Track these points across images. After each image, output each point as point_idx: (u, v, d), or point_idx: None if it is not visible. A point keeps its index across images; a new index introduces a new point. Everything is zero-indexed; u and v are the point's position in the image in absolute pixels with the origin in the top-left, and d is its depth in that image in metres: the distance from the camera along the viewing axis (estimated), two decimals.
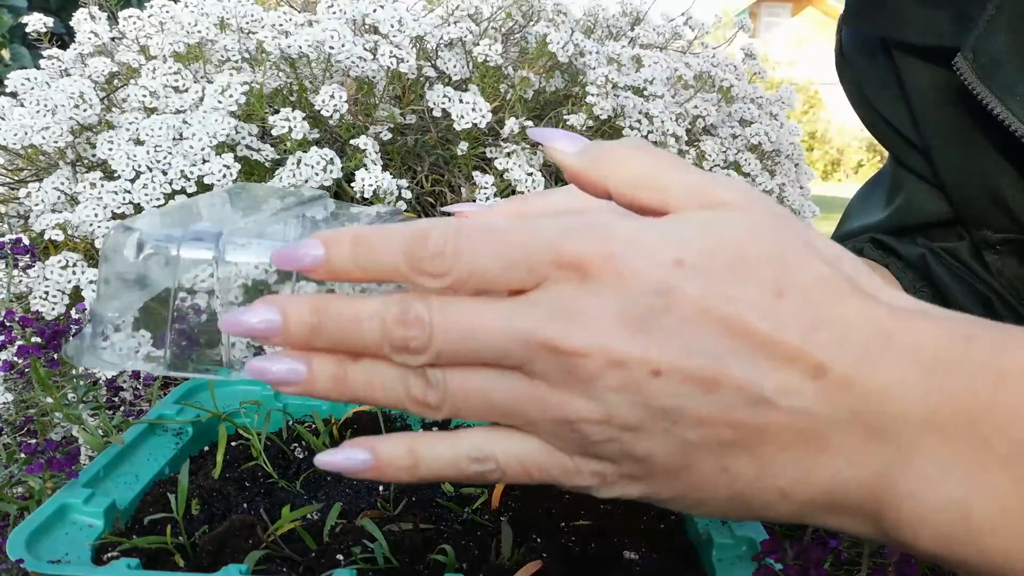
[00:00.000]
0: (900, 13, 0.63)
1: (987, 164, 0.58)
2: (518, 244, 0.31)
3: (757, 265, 0.31)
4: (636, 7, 1.25)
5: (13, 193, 0.94)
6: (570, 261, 0.31)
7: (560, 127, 0.96)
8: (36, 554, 0.38)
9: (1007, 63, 0.55)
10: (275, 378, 0.33)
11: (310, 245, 0.32)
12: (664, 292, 0.31)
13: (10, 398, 0.64)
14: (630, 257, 0.31)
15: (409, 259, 0.32)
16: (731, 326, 0.30)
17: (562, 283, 0.31)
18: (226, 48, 0.95)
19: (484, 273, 0.31)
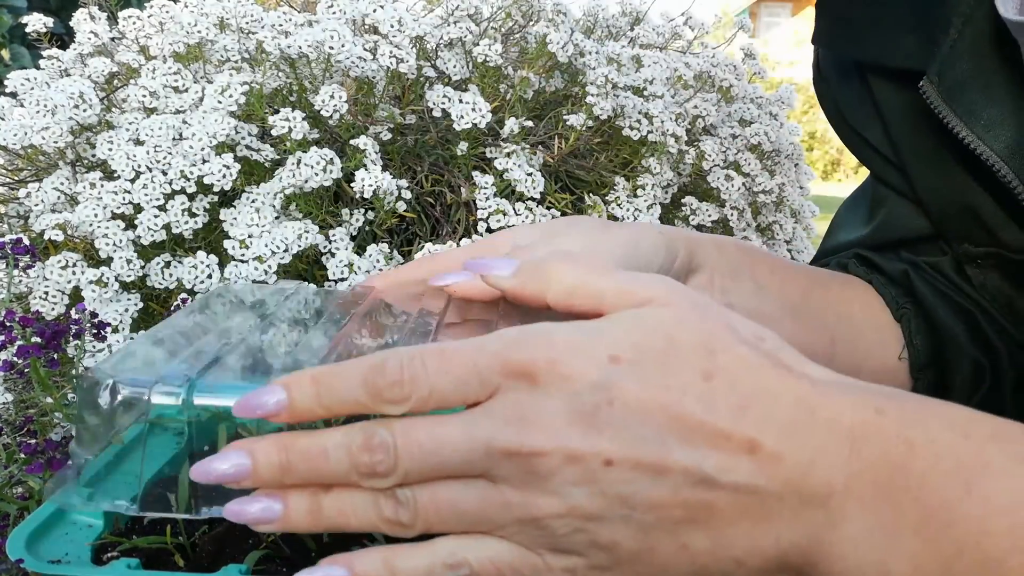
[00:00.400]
0: (869, 36, 0.63)
1: (960, 182, 0.59)
2: (468, 362, 0.34)
3: (685, 353, 0.35)
4: (636, 7, 1.25)
5: (13, 193, 0.94)
6: (517, 370, 0.34)
7: (560, 127, 0.96)
8: (36, 554, 0.38)
9: (970, 86, 0.56)
10: (252, 519, 0.35)
11: (271, 391, 0.34)
12: (605, 387, 0.33)
13: (10, 398, 0.64)
14: (570, 359, 0.34)
15: (370, 391, 0.34)
16: (669, 413, 0.33)
17: (512, 391, 0.34)
18: (226, 48, 0.95)
19: (441, 393, 0.34)
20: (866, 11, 0.64)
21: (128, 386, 0.36)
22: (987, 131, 0.55)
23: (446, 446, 0.34)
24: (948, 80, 0.56)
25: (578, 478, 0.33)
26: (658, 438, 0.33)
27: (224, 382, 0.37)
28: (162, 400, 0.36)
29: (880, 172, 0.68)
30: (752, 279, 0.57)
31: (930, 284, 0.64)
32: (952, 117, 0.56)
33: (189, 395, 0.36)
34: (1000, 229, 0.59)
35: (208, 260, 0.78)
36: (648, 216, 0.93)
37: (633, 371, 0.34)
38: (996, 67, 0.55)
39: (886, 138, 0.64)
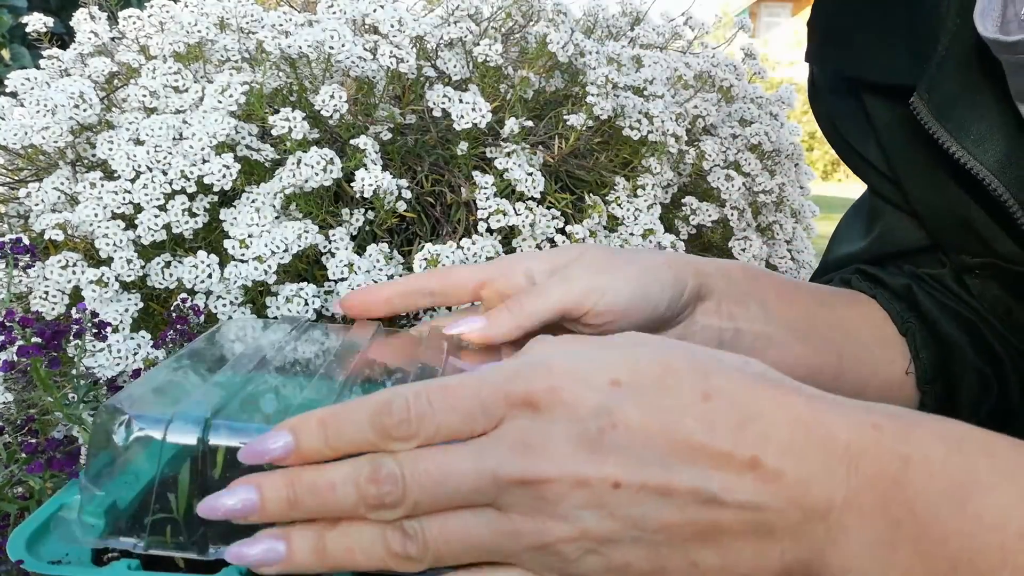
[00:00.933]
0: (860, 52, 0.64)
1: (954, 196, 0.60)
2: (472, 396, 0.35)
3: (682, 376, 0.35)
4: (636, 7, 1.25)
5: (13, 193, 0.94)
6: (519, 399, 0.35)
7: (560, 127, 0.96)
8: (36, 554, 0.38)
9: (960, 101, 0.57)
10: (255, 561, 0.35)
11: (278, 436, 0.35)
12: (608, 411, 0.34)
13: (11, 398, 0.64)
14: (571, 386, 0.35)
15: (377, 431, 0.35)
16: (671, 436, 0.34)
17: (517, 419, 0.35)
18: (226, 48, 0.95)
19: (448, 427, 0.35)
20: (856, 29, 0.65)
21: (143, 424, 0.37)
22: (977, 145, 0.55)
23: (454, 475, 0.34)
24: (937, 96, 0.57)
25: (587, 502, 0.34)
26: (662, 460, 0.34)
27: (238, 421, 0.38)
28: (178, 439, 0.37)
29: (876, 186, 0.69)
30: (759, 304, 0.58)
31: (933, 297, 0.65)
32: (942, 132, 0.56)
33: (205, 435, 0.37)
34: (995, 241, 0.59)
35: (208, 260, 0.78)
36: (648, 216, 0.93)
37: (633, 394, 0.35)
38: (984, 81, 0.55)
39: (880, 152, 0.65)
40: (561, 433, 0.34)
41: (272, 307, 0.78)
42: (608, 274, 0.51)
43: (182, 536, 0.37)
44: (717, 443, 0.34)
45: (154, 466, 0.37)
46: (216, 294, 0.78)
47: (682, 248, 0.98)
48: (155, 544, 0.37)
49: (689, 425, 0.34)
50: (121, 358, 0.74)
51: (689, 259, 0.55)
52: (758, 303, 0.58)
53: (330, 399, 0.42)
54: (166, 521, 0.37)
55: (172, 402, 0.39)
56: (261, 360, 0.46)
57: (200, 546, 0.37)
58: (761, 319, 0.58)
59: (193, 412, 0.37)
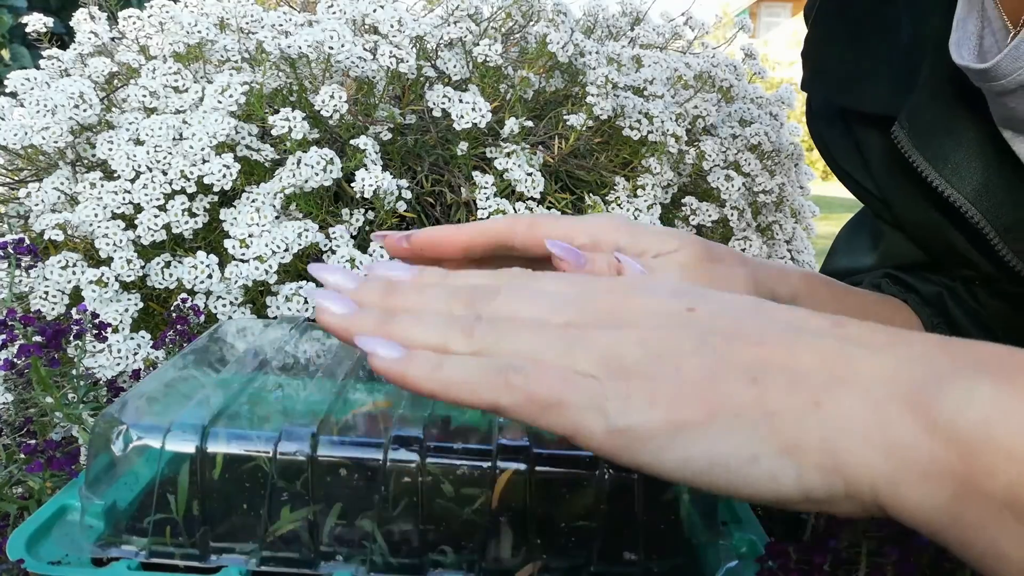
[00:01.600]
0: (847, 82, 0.66)
1: (936, 220, 0.62)
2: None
3: (763, 314, 0.35)
4: (636, 7, 1.25)
5: (13, 193, 0.94)
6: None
7: (560, 127, 0.96)
8: (36, 555, 0.38)
9: (939, 131, 0.58)
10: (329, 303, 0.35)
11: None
12: (689, 301, 0.35)
13: (10, 398, 0.64)
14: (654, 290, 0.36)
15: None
16: (750, 309, 0.34)
17: None
18: (226, 48, 0.95)
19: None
20: (843, 59, 0.67)
21: (142, 433, 0.37)
22: (955, 174, 0.56)
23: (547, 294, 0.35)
24: (918, 125, 0.58)
25: (662, 316, 0.34)
26: (737, 317, 0.34)
27: (236, 428, 0.38)
28: (176, 448, 0.37)
29: (872, 207, 0.71)
30: None
31: (961, 305, 0.66)
32: (921, 161, 0.57)
33: (203, 443, 0.37)
34: (978, 263, 0.60)
35: (208, 260, 0.78)
36: (648, 216, 0.93)
37: (710, 308, 0.35)
38: (963, 110, 0.56)
39: (870, 177, 0.67)
40: (650, 284, 0.36)
41: (272, 306, 0.78)
42: (708, 285, 0.48)
43: (182, 539, 0.37)
44: (803, 314, 0.34)
45: (153, 474, 0.37)
46: (216, 294, 0.78)
47: None
48: (155, 551, 0.37)
49: (771, 309, 0.35)
50: (121, 358, 0.74)
51: (764, 278, 0.53)
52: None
53: (330, 399, 0.42)
54: (166, 527, 0.37)
55: (170, 410, 0.39)
56: (260, 362, 0.46)
57: (200, 551, 0.37)
58: None
59: (191, 420, 0.37)
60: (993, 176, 0.56)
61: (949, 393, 0.29)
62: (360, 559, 0.39)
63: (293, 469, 0.37)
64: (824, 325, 0.33)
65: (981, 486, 0.27)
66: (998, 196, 0.56)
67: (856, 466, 0.29)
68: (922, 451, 0.28)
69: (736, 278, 0.50)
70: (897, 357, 0.31)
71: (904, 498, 0.29)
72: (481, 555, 0.43)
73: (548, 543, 0.44)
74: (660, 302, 0.34)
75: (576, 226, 0.49)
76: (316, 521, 0.39)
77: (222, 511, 0.37)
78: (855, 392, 0.30)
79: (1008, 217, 0.56)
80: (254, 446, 0.37)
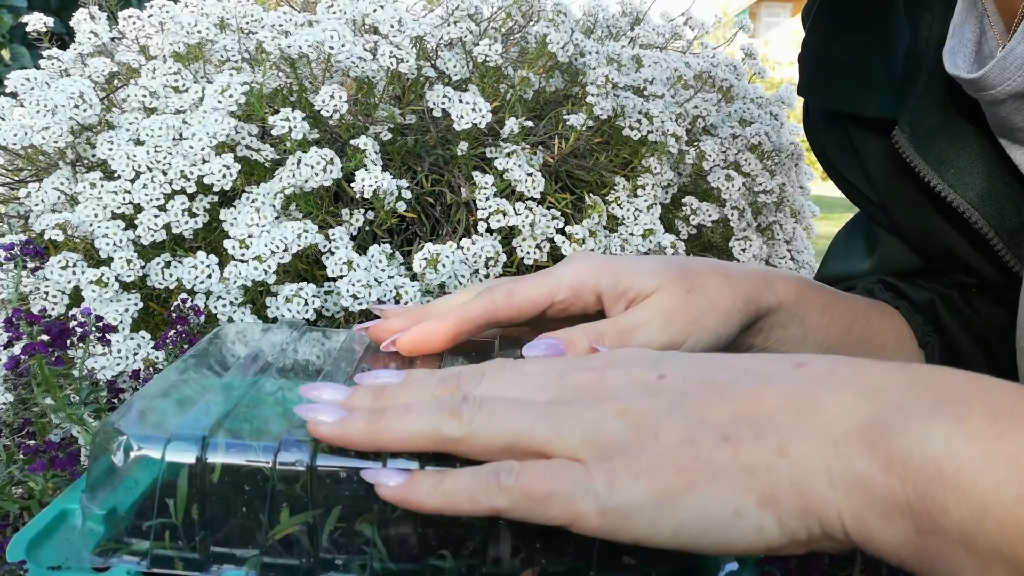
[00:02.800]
0: (845, 86, 0.66)
1: (938, 225, 0.61)
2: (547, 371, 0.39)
3: (729, 372, 0.37)
4: (636, 7, 1.25)
5: (13, 193, 0.94)
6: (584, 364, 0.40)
7: (560, 127, 0.96)
8: (37, 559, 0.38)
9: (940, 135, 0.58)
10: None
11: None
12: (662, 357, 0.38)
13: (10, 399, 0.64)
14: (628, 364, 0.38)
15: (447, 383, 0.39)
16: (716, 365, 0.36)
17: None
18: (226, 48, 0.95)
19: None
20: (841, 64, 0.67)
21: (142, 444, 0.37)
22: (958, 179, 0.56)
23: (526, 375, 0.38)
24: (919, 130, 0.58)
25: (635, 386, 0.36)
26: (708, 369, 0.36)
27: (237, 439, 0.38)
28: (176, 458, 0.37)
29: (870, 213, 0.70)
30: (800, 323, 0.57)
31: (953, 313, 0.66)
32: (923, 166, 0.57)
33: (203, 453, 0.37)
34: (979, 269, 0.60)
35: (208, 260, 0.78)
36: (648, 216, 0.93)
37: (680, 374, 0.37)
38: (964, 115, 0.56)
39: (868, 183, 0.67)
40: (623, 357, 0.38)
41: (272, 307, 0.78)
42: (689, 328, 0.49)
43: (182, 545, 0.37)
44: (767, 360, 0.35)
45: (153, 483, 0.37)
46: (216, 294, 0.78)
47: (682, 248, 0.98)
48: (155, 556, 0.37)
49: (735, 360, 0.36)
50: (121, 358, 0.74)
51: (750, 295, 0.53)
52: (799, 323, 0.57)
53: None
54: (166, 532, 0.37)
55: (170, 419, 0.39)
56: (260, 367, 0.46)
57: (200, 557, 0.37)
58: (797, 339, 0.58)
59: (191, 430, 0.37)
60: (996, 180, 0.55)
61: (904, 430, 0.30)
62: (359, 564, 0.39)
63: (293, 477, 0.37)
64: (786, 367, 0.35)
65: (937, 522, 0.28)
66: (1001, 200, 0.56)
67: (825, 506, 0.31)
68: (880, 488, 0.29)
69: (720, 303, 0.51)
70: (856, 392, 0.32)
71: (871, 533, 0.30)
72: (481, 560, 0.43)
73: (548, 548, 0.44)
74: (633, 373, 0.36)
75: (555, 283, 0.50)
76: (315, 526, 0.39)
77: (221, 518, 0.37)
78: (817, 433, 0.31)
79: (1012, 221, 0.56)
80: (254, 456, 0.37)
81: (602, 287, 0.50)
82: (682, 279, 0.50)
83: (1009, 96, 0.51)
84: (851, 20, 0.67)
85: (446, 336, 0.49)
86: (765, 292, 0.54)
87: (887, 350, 0.63)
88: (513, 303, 0.49)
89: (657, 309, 0.49)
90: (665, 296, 0.49)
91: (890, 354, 0.63)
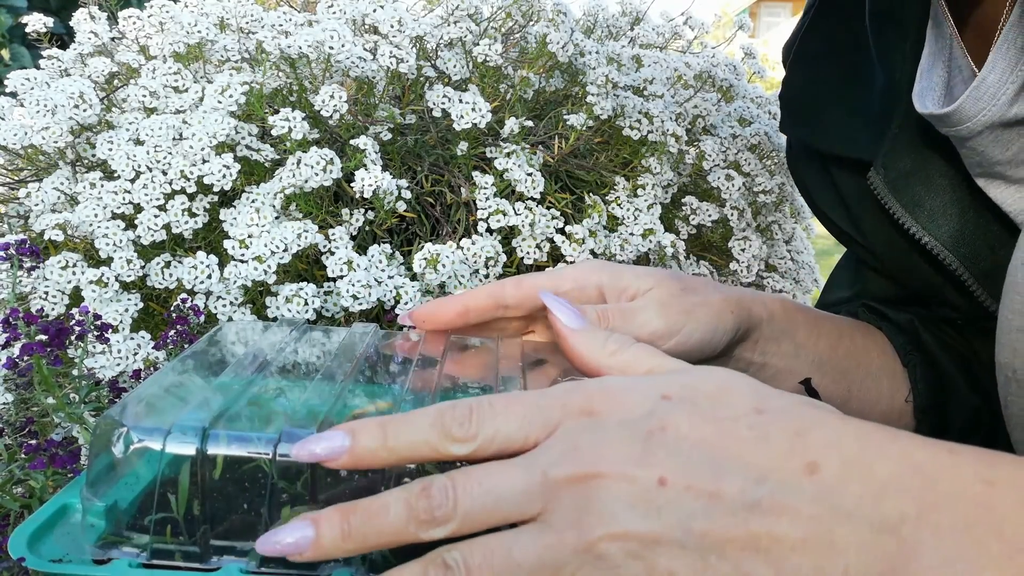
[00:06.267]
0: (824, 126, 0.68)
1: (916, 263, 0.63)
2: (531, 403, 0.36)
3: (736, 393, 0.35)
4: (636, 7, 1.25)
5: (13, 193, 0.94)
6: (576, 407, 0.36)
7: (560, 127, 0.96)
8: (38, 553, 0.38)
9: (914, 177, 0.58)
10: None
11: (333, 435, 0.35)
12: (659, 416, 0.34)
13: (11, 398, 0.64)
14: (625, 393, 0.36)
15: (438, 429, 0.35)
16: (722, 440, 0.33)
17: (570, 427, 0.35)
18: (226, 48, 0.95)
19: (506, 431, 0.35)
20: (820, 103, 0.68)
21: (142, 436, 0.37)
22: (931, 221, 0.57)
23: (504, 482, 0.34)
24: (892, 172, 0.58)
25: (632, 499, 0.33)
26: (711, 463, 0.33)
27: (237, 430, 0.38)
28: (176, 450, 0.37)
29: (850, 248, 0.72)
30: (790, 339, 0.60)
31: (933, 333, 0.67)
32: (898, 208, 0.58)
33: (203, 445, 0.37)
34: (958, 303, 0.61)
35: (208, 260, 0.78)
36: (648, 216, 0.93)
37: (684, 405, 0.35)
38: (937, 157, 0.57)
39: (849, 220, 0.67)
40: (611, 433, 0.34)
41: (272, 307, 0.78)
42: (684, 318, 0.52)
43: (182, 539, 0.37)
44: (772, 449, 0.33)
45: (154, 475, 0.37)
46: (216, 294, 0.78)
47: (682, 248, 0.98)
48: (156, 550, 0.37)
49: (742, 431, 0.33)
50: (121, 358, 0.74)
51: (740, 299, 0.56)
52: (789, 339, 0.60)
53: (330, 402, 0.42)
54: (166, 526, 0.37)
55: (170, 412, 0.39)
56: (260, 365, 0.46)
57: (200, 551, 0.37)
58: (790, 355, 0.60)
59: (191, 423, 0.37)
60: (969, 223, 0.56)
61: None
62: (361, 559, 0.39)
63: (293, 470, 0.37)
64: (797, 470, 0.32)
65: None
66: (976, 242, 0.56)
67: None
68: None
69: (712, 301, 0.54)
70: (872, 525, 0.31)
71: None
72: None
73: None
74: (626, 471, 0.34)
75: (560, 274, 0.54)
76: None
77: (222, 511, 0.37)
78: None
79: (985, 263, 0.56)
80: (254, 448, 0.37)
81: (603, 281, 0.53)
82: (676, 280, 0.54)
83: (985, 128, 0.51)
84: (827, 61, 0.68)
85: (455, 309, 0.52)
86: (755, 302, 0.58)
87: (874, 366, 0.65)
88: (521, 286, 0.52)
89: (654, 300, 0.52)
90: (660, 291, 0.53)
91: (876, 370, 0.65)
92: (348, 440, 0.35)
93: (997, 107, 0.50)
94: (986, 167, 0.53)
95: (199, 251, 0.79)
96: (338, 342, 0.52)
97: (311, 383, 0.45)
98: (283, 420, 0.38)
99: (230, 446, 0.37)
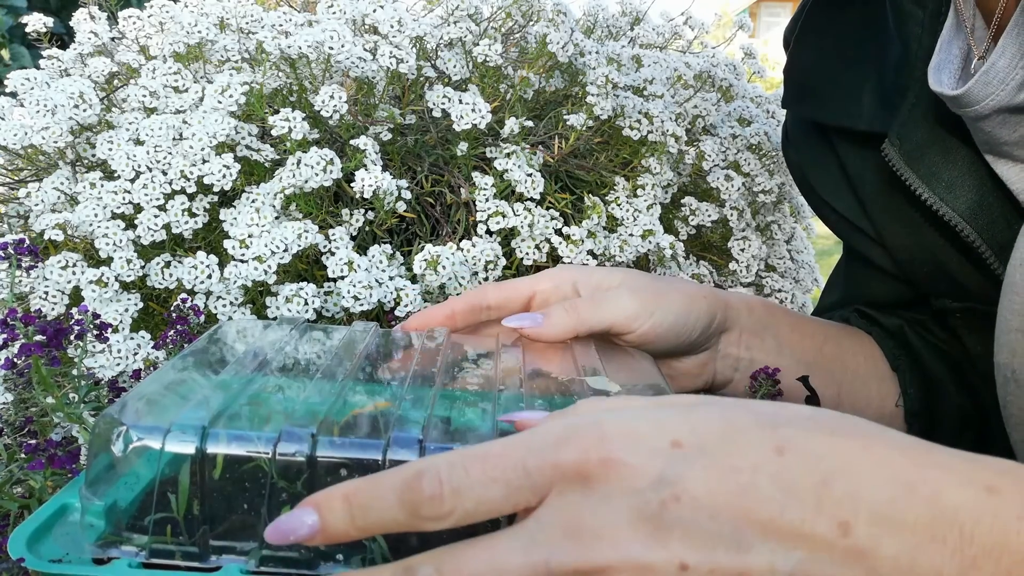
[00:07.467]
0: (834, 100, 0.67)
1: (928, 240, 0.62)
2: (516, 465, 0.31)
3: (747, 429, 0.31)
4: (636, 7, 1.25)
5: (13, 193, 0.94)
6: (570, 470, 0.31)
7: (560, 127, 0.96)
8: (37, 553, 0.38)
9: (930, 149, 0.58)
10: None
11: (304, 515, 0.33)
12: (671, 481, 0.30)
13: (10, 398, 0.64)
14: (627, 451, 0.31)
15: (406, 509, 0.32)
16: (743, 503, 0.30)
17: (567, 494, 0.31)
18: (226, 48, 0.95)
19: (490, 502, 0.31)
20: (829, 78, 0.67)
21: (142, 434, 0.37)
22: (948, 191, 0.57)
23: (503, 572, 0.31)
24: (908, 143, 0.58)
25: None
26: (735, 535, 0.30)
27: (236, 428, 0.38)
28: (176, 448, 0.37)
29: (848, 239, 0.71)
30: (774, 336, 0.61)
31: (921, 336, 0.68)
32: (914, 179, 0.58)
33: (203, 444, 0.37)
34: (969, 284, 0.61)
35: (208, 260, 0.78)
36: (648, 216, 0.93)
37: (698, 457, 0.31)
38: (954, 128, 0.57)
39: (854, 201, 0.67)
40: (618, 510, 0.30)
41: (272, 307, 0.78)
42: (656, 300, 0.55)
43: (182, 539, 0.37)
44: (798, 509, 0.30)
45: (153, 474, 0.37)
46: (216, 294, 0.78)
47: (681, 248, 0.98)
48: (156, 550, 0.37)
49: (764, 487, 0.30)
50: (121, 358, 0.74)
51: (717, 292, 0.59)
52: (773, 335, 0.61)
53: (330, 400, 0.42)
54: (166, 526, 0.37)
55: (170, 411, 0.39)
56: (260, 363, 0.46)
57: (200, 551, 0.37)
58: (775, 351, 0.61)
59: (190, 421, 0.37)
60: (987, 194, 0.56)
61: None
62: (360, 558, 0.39)
63: (293, 469, 0.37)
64: (830, 531, 0.30)
65: None
66: (993, 214, 0.56)
67: None
68: None
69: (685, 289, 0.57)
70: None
71: None
72: None
73: None
74: (632, 552, 0.31)
75: (538, 276, 0.58)
76: None
77: (222, 511, 0.37)
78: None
79: (1003, 235, 0.56)
80: (254, 447, 0.37)
81: (577, 278, 0.58)
82: (646, 275, 0.58)
83: (993, 111, 0.51)
84: (839, 33, 0.67)
85: (443, 312, 0.57)
86: (730, 295, 0.60)
87: (861, 370, 0.66)
88: (502, 288, 0.57)
89: (626, 287, 0.56)
90: (632, 280, 0.57)
91: (864, 374, 0.66)
92: (318, 521, 0.33)
93: (1006, 92, 0.50)
94: (993, 146, 0.54)
95: (199, 251, 0.79)
96: (338, 340, 0.52)
97: (311, 381, 0.45)
98: (283, 419, 0.38)
99: (230, 445, 0.37)
